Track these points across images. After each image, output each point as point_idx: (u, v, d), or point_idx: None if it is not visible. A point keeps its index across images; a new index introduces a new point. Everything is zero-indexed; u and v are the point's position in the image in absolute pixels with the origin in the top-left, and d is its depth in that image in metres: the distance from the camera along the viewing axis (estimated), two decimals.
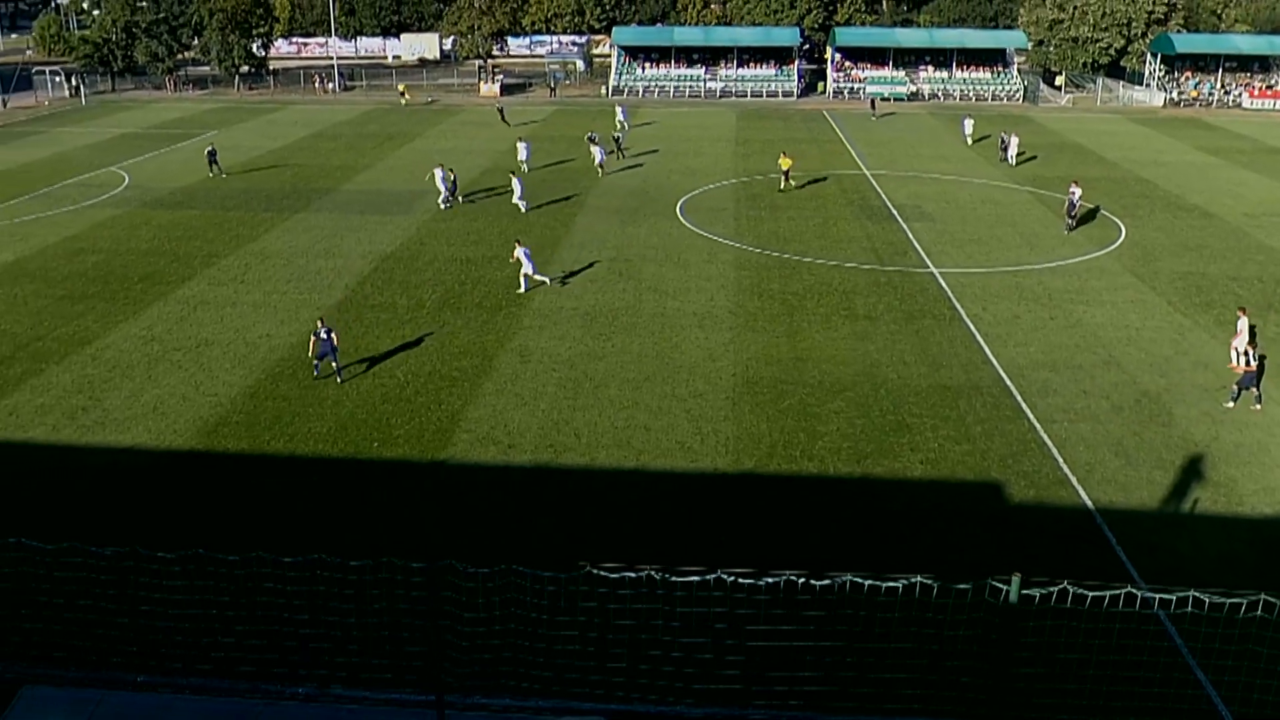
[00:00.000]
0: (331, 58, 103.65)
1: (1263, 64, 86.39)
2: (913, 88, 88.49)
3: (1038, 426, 24.55)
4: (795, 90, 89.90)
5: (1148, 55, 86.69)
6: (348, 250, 39.80)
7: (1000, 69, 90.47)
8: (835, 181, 52.82)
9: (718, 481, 22.10)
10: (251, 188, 51.47)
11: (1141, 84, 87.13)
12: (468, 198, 48.16)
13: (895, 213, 45.90)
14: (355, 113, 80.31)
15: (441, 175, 47.39)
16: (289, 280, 36.09)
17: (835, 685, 14.93)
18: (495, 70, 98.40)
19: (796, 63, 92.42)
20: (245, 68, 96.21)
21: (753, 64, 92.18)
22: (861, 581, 12.43)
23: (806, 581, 13.06)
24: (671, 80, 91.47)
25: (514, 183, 45.65)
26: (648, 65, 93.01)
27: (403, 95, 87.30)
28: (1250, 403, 25.61)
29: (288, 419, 25.04)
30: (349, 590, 15.42)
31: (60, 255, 39.09)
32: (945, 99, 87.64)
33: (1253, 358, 25.53)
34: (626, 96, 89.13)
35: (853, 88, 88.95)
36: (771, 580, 13.28)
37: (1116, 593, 12.13)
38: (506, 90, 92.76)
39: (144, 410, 25.57)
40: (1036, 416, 25.08)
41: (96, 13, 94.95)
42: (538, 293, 34.33)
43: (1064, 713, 14.39)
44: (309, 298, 34.03)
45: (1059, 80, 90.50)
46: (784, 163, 50.42)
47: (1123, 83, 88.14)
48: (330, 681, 15.17)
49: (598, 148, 54.09)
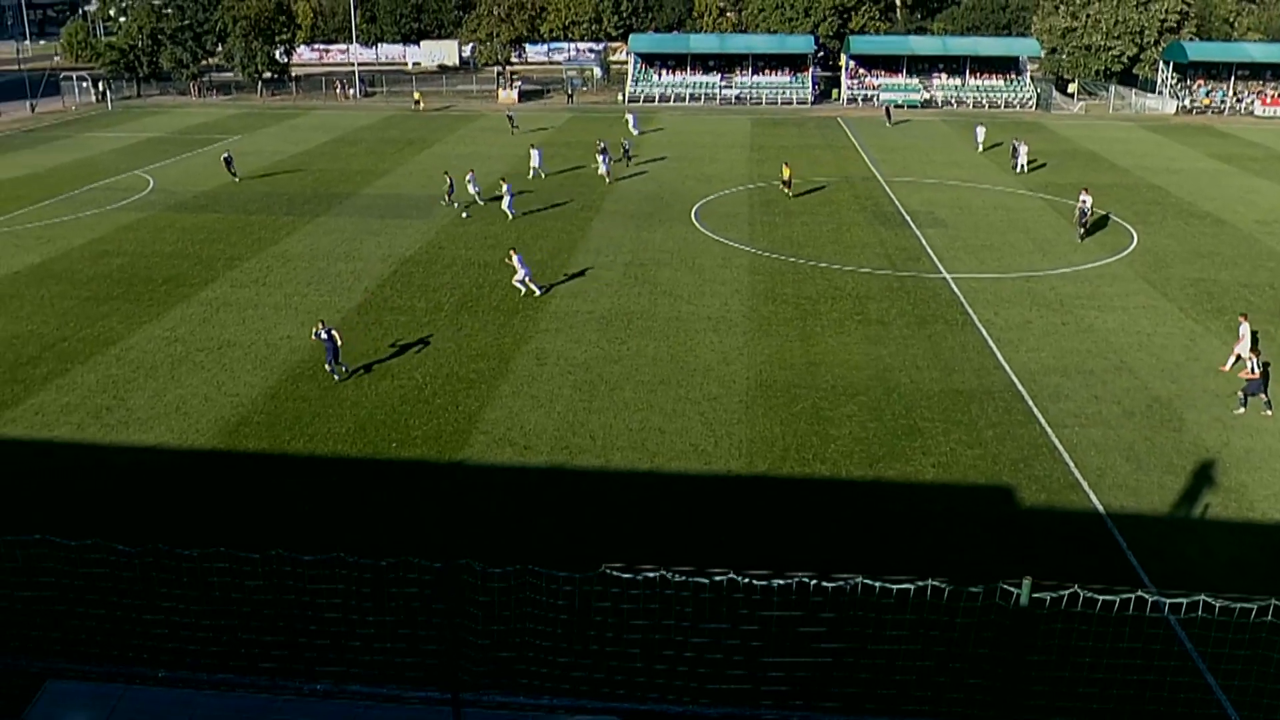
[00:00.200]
0: (353, 64, 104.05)
1: (1275, 72, 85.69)
2: (926, 95, 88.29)
3: (1049, 431, 24.44)
4: (810, 97, 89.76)
5: (1160, 63, 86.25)
6: (367, 253, 39.93)
7: (1013, 76, 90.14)
8: (849, 187, 52.72)
9: (731, 484, 22.08)
10: (273, 191, 51.70)
11: (1154, 91, 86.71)
12: (460, 203, 47.89)
13: (908, 218, 45.78)
14: (376, 118, 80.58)
15: (472, 179, 47.58)
16: (310, 283, 36.22)
17: (847, 686, 14.89)
18: (513, 77, 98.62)
19: (811, 70, 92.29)
20: (268, 74, 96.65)
21: (768, 71, 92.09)
22: (873, 583, 12.38)
23: (818, 583, 13.03)
24: (687, 87, 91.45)
25: (503, 189, 45.22)
26: (664, 72, 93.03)
27: (417, 102, 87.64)
28: (1260, 408, 25.44)
29: (308, 419, 25.13)
30: (367, 589, 15.46)
31: (86, 257, 39.34)
32: (958, 106, 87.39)
33: (1256, 364, 25.36)
34: (642, 103, 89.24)
35: (867, 95, 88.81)
36: (784, 582, 13.25)
37: (1127, 597, 12.06)
38: (524, 97, 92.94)
39: (167, 410, 25.70)
40: (1048, 421, 24.97)
41: (123, 20, 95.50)
42: (554, 297, 34.37)
43: (1074, 716, 14.33)
44: (329, 300, 34.15)
45: (1072, 88, 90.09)
46: (785, 171, 50.11)
47: (1135, 90, 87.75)
48: (348, 678, 15.21)
49: (603, 157, 53.79)
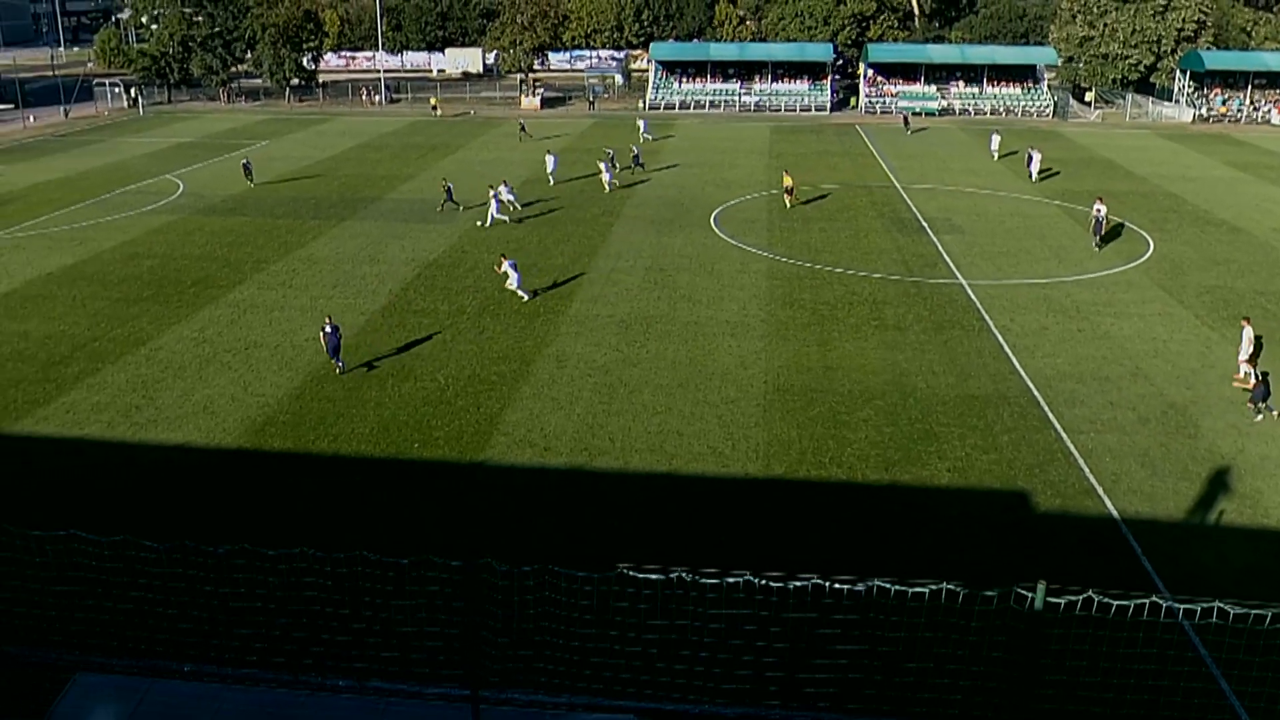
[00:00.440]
0: (378, 71, 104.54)
1: None
2: (944, 103, 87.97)
3: (1064, 437, 24.28)
4: (828, 105, 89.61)
5: (1177, 72, 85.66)
6: (392, 257, 40.07)
7: (1030, 85, 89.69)
8: (867, 194, 52.57)
9: (748, 486, 22.03)
10: (300, 196, 51.97)
11: (1171, 100, 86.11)
12: (462, 205, 47.87)
13: (925, 225, 45.61)
14: (400, 124, 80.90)
15: (507, 188, 47.48)
16: (335, 285, 36.38)
17: (861, 688, 14.83)
18: (536, 84, 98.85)
19: (830, 78, 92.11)
20: (296, 80, 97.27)
21: (787, 79, 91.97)
22: (888, 586, 12.33)
23: (833, 585, 12.98)
24: (707, 94, 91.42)
25: (491, 196, 44.85)
26: (684, 80, 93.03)
27: (434, 107, 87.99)
28: (1268, 414, 25.20)
29: (332, 419, 25.23)
30: (389, 586, 15.50)
31: (117, 259, 39.64)
32: (975, 114, 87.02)
33: (1255, 372, 25.14)
34: (663, 110, 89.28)
35: (884, 102, 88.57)
36: (800, 584, 13.21)
37: (1141, 602, 11.98)
38: (546, 104, 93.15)
39: (195, 409, 25.86)
40: (1063, 427, 24.81)
41: (155, 27, 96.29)
42: (574, 301, 34.40)
43: None
44: (354, 303, 34.30)
45: (1089, 96, 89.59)
46: (786, 180, 49.44)
47: (1152, 98, 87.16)
48: (370, 674, 15.25)
49: (606, 165, 53.28)
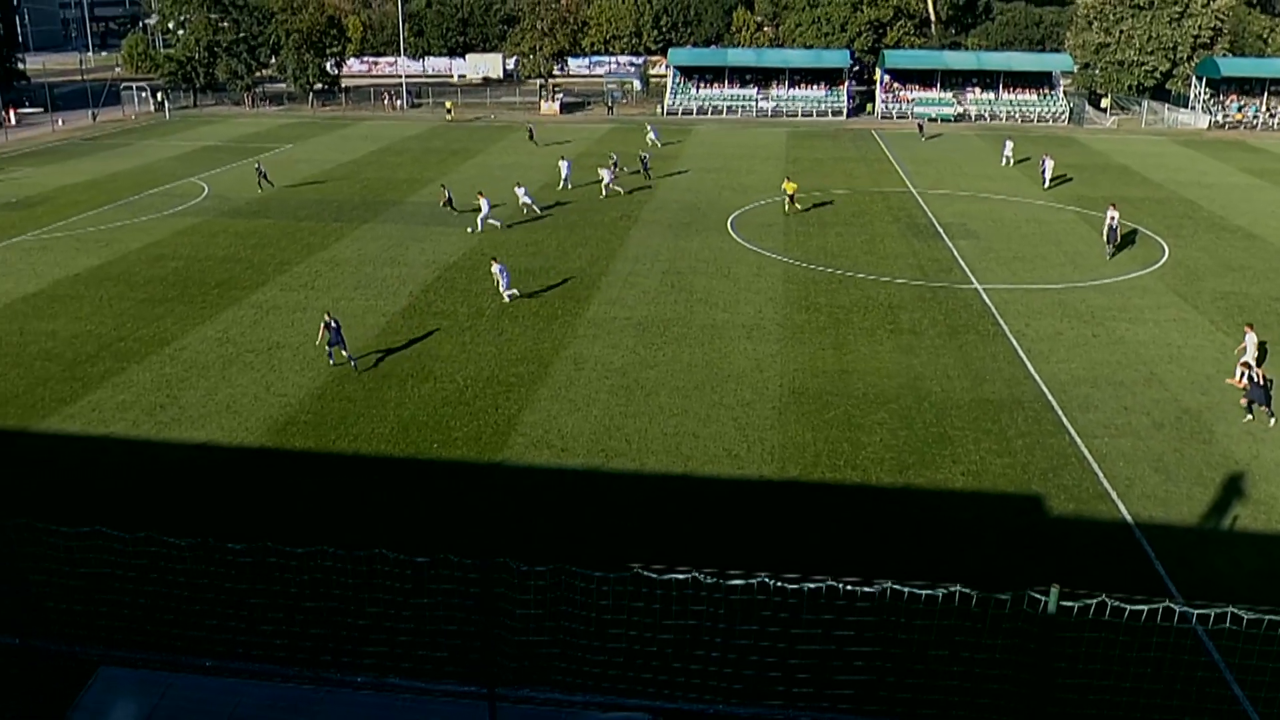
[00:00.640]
0: (400, 76, 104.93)
1: None
2: (960, 109, 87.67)
3: (1079, 441, 24.15)
4: (845, 110, 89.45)
5: (1193, 78, 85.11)
6: (412, 259, 40.20)
7: (1046, 91, 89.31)
8: (883, 199, 52.43)
9: (763, 488, 22.00)
10: (322, 198, 52.21)
11: (1186, 107, 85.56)
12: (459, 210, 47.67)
13: (941, 230, 45.45)
14: (421, 129, 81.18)
15: (524, 190, 47.77)
16: (356, 287, 36.53)
17: (873, 689, 14.79)
18: (555, 89, 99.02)
19: (846, 84, 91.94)
20: (319, 85, 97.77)
21: (804, 85, 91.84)
22: (901, 589, 12.30)
23: (848, 587, 12.95)
24: (724, 100, 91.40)
25: (481, 202, 44.70)
26: (702, 85, 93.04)
27: (449, 112, 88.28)
28: (1264, 418, 25.06)
29: (352, 419, 25.32)
30: (408, 585, 15.54)
31: (143, 260, 39.91)
32: (991, 120, 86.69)
33: (1252, 375, 24.97)
34: (680, 115, 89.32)
35: (901, 108, 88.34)
36: (813, 585, 13.19)
37: (1155, 607, 11.89)
38: (566, 109, 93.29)
39: (218, 408, 26.00)
40: (1077, 431, 24.67)
41: (181, 33, 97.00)
42: (591, 304, 34.43)
43: None
44: (375, 304, 34.42)
45: (1104, 102, 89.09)
46: (788, 187, 48.91)
47: (1168, 105, 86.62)
48: (388, 671, 15.30)
49: (606, 171, 53.05)
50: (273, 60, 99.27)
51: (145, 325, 32.29)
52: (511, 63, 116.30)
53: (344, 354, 28.37)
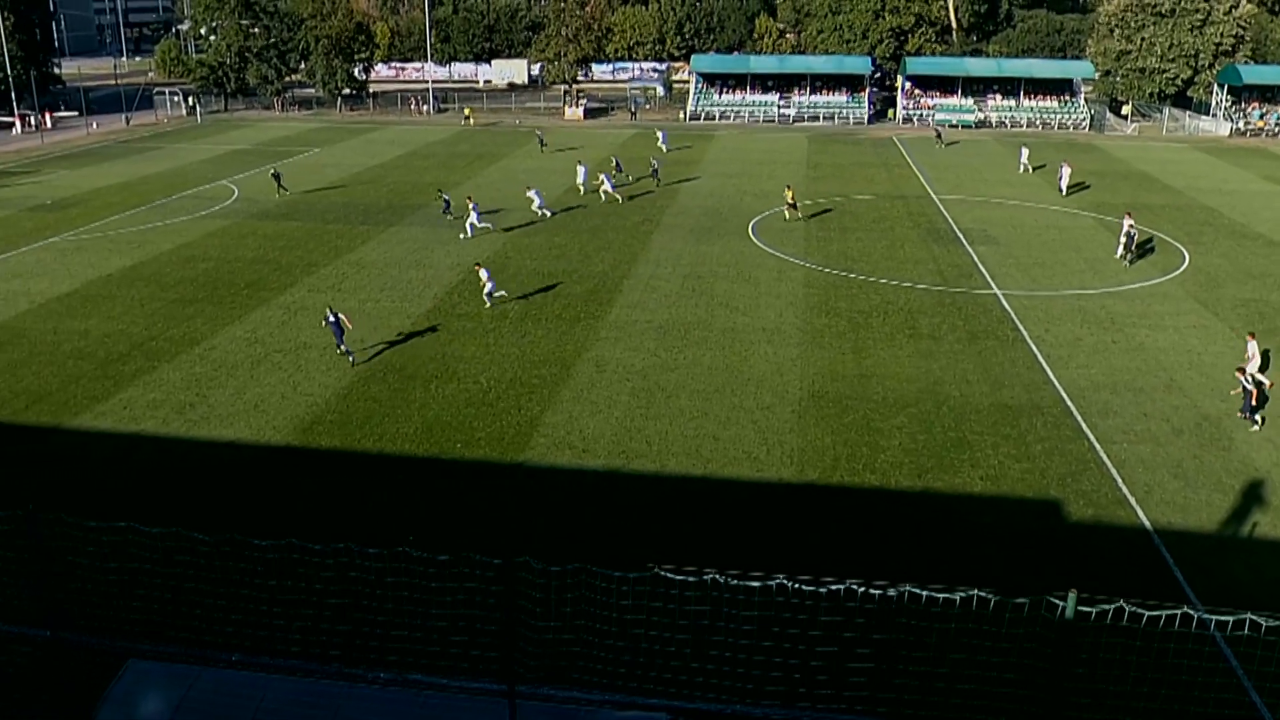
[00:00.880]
0: (427, 81, 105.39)
1: None
2: (980, 115, 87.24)
3: (1097, 447, 23.96)
4: (866, 117, 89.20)
5: (1215, 86, 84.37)
6: (437, 262, 40.34)
7: (1067, 98, 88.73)
8: (903, 205, 52.23)
9: (782, 491, 21.94)
10: (349, 202, 52.48)
11: (1208, 114, 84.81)
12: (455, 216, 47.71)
13: (961, 236, 45.23)
14: (447, 133, 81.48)
15: (536, 193, 48.01)
16: (382, 289, 36.69)
17: (890, 692, 14.71)
18: (579, 95, 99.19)
19: (867, 90, 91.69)
20: (347, 90, 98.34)
21: (825, 91, 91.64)
22: (919, 592, 12.22)
23: (865, 590, 12.89)
24: (746, 106, 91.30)
25: (469, 207, 44.53)
26: (724, 91, 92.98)
27: (467, 117, 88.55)
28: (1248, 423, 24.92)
29: (377, 419, 25.43)
30: (430, 583, 15.58)
31: (174, 262, 40.22)
32: (1012, 127, 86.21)
33: (1247, 380, 24.74)
34: (703, 121, 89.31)
35: (921, 115, 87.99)
36: (832, 587, 13.13)
37: (1173, 613, 11.76)
38: (589, 114, 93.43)
39: (246, 407, 26.17)
40: (1096, 437, 24.48)
41: (213, 38, 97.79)
42: (613, 307, 34.45)
43: None
44: (401, 306, 34.56)
45: (1125, 109, 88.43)
46: (788, 194, 48.38)
47: (1189, 112, 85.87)
48: (410, 668, 15.34)
49: (604, 175, 52.79)
50: (302, 66, 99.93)
51: (176, 325, 32.54)
52: (536, 69, 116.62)
53: (341, 348, 29.12)
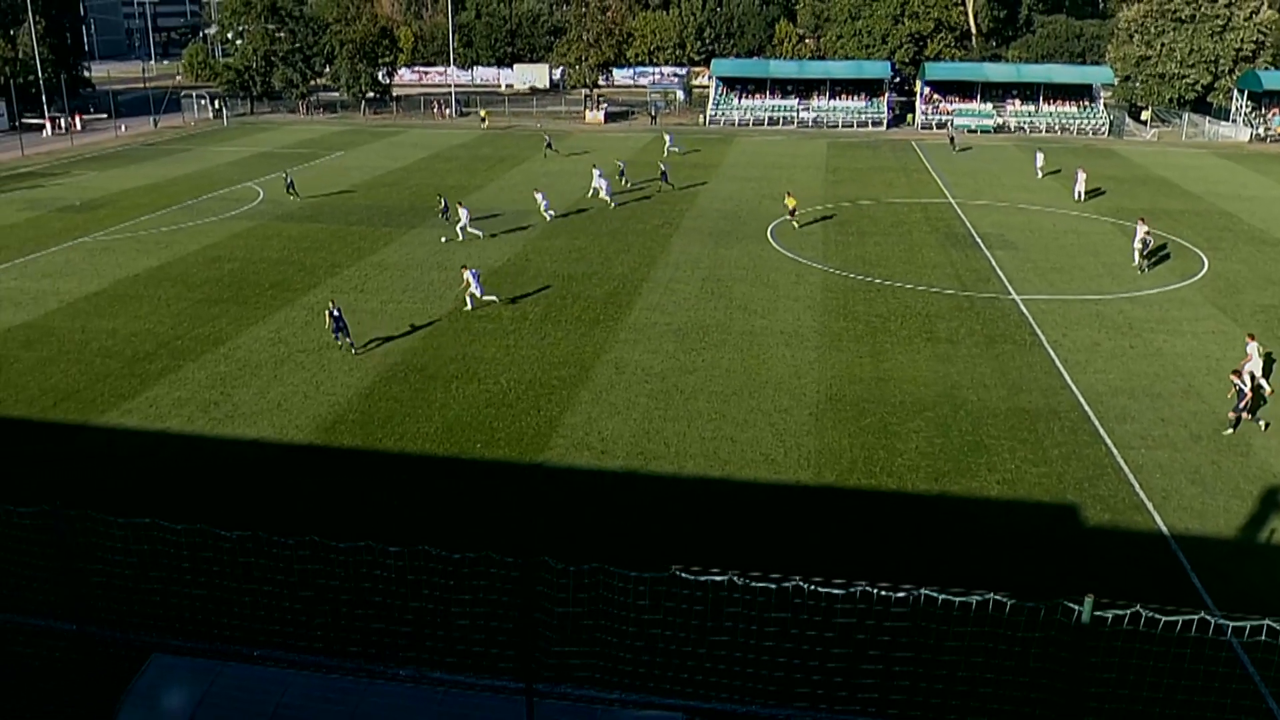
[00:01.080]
0: (450, 86, 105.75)
1: None
2: (999, 120, 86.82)
3: (1115, 452, 23.79)
4: (885, 121, 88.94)
5: (1235, 91, 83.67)
6: (457, 263, 40.34)
7: (1086, 103, 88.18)
8: (921, 209, 52.03)
9: (799, 493, 21.89)
10: (373, 204, 52.71)
11: (1227, 119, 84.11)
12: (452, 221, 47.59)
13: (979, 240, 45.02)
14: (469, 136, 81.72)
15: (542, 195, 48.27)
16: (404, 290, 36.82)
17: (906, 694, 14.65)
18: (600, 99, 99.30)
19: (887, 95, 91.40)
20: (371, 94, 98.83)
21: (844, 96, 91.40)
22: (935, 595, 12.17)
23: (881, 592, 12.85)
24: (766, 110, 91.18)
25: (460, 211, 44.59)
26: (744, 96, 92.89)
27: (483, 120, 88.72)
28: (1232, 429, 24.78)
29: (399, 419, 25.52)
30: (450, 581, 15.63)
31: (200, 262, 40.50)
32: (1031, 132, 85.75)
33: (1242, 383, 24.51)
34: (722, 125, 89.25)
35: (940, 119, 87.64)
36: (848, 589, 13.10)
37: (1190, 618, 11.68)
38: (610, 118, 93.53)
39: (269, 406, 26.31)
40: (1114, 442, 24.31)
41: (240, 42, 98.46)
42: (633, 309, 34.47)
43: None
44: (422, 307, 34.68)
45: (1145, 115, 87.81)
46: (789, 202, 47.70)
47: (1208, 118, 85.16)
48: (429, 665, 15.39)
49: (603, 179, 52.52)
50: (327, 69, 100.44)
51: (201, 324, 32.76)
52: (558, 73, 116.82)
53: (346, 340, 29.66)
